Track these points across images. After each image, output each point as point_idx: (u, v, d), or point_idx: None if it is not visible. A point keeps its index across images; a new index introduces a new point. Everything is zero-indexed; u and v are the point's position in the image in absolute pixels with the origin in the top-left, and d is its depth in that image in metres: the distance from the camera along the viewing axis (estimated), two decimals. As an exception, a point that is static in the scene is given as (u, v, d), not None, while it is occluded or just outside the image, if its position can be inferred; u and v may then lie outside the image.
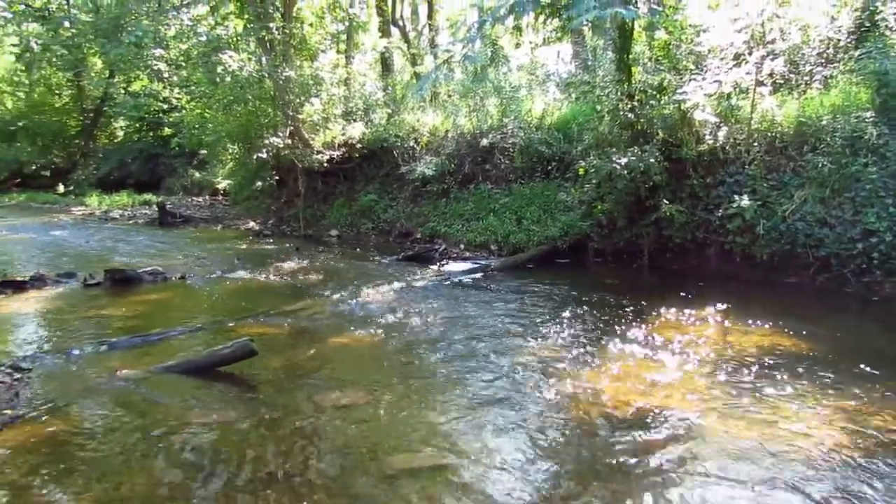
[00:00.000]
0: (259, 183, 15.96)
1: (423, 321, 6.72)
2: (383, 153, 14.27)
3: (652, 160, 8.80)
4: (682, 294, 7.57)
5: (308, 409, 4.42)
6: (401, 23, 21.72)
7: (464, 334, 6.22)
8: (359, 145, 14.63)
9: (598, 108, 10.40)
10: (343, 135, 14.82)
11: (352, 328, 6.51)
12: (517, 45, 15.28)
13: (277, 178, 15.68)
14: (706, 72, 9.23)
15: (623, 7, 6.47)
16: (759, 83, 8.91)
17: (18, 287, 8.11)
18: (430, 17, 22.94)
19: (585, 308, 7.12)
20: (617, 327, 6.29)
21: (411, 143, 13.86)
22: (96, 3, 24.62)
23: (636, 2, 7.50)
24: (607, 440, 3.94)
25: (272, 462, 3.65)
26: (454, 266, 9.97)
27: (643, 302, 7.22)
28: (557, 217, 10.61)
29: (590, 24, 8.14)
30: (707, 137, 9.14)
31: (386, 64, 19.73)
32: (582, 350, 5.64)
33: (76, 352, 5.53)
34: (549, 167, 11.81)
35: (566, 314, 6.83)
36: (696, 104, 8.81)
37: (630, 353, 5.49)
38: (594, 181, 9.65)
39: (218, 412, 4.29)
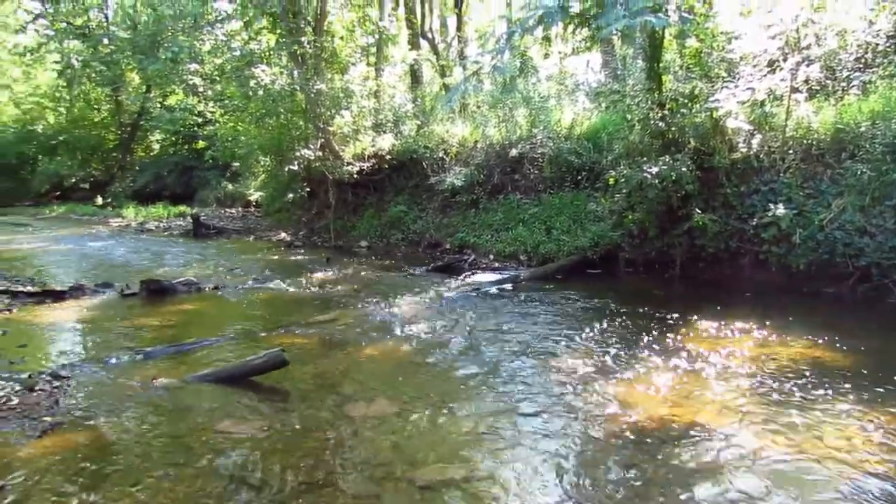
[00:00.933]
0: (290, 195, 16.17)
1: (453, 332, 6.71)
2: (413, 164, 14.34)
3: (684, 169, 8.70)
4: (716, 305, 7.44)
5: (339, 419, 4.43)
6: (430, 35, 21.87)
7: (494, 345, 6.19)
8: (388, 157, 14.73)
9: (629, 117, 10.32)
10: (373, 146, 14.95)
11: (381, 338, 6.53)
12: (546, 56, 15.23)
13: (308, 189, 15.87)
14: (739, 79, 9.09)
15: (653, 16, 6.41)
16: (795, 90, 8.76)
17: (58, 297, 8.33)
18: (458, 28, 23.06)
19: (617, 319, 7.03)
20: (649, 339, 6.20)
21: (440, 154, 13.92)
22: (134, 21, 25.35)
23: (666, 10, 7.42)
24: (641, 455, 3.87)
25: (304, 472, 3.67)
26: (483, 277, 9.95)
27: (676, 313, 7.11)
28: (587, 227, 10.54)
29: (619, 34, 8.10)
30: (740, 145, 9.01)
31: (415, 76, 19.86)
32: (614, 362, 5.57)
33: (113, 360, 5.65)
34: (579, 177, 11.75)
35: (597, 325, 6.76)
36: (728, 112, 8.68)
37: (663, 366, 5.40)
38: (625, 191, 9.57)
39: (250, 422, 4.33)
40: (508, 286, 9.23)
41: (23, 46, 34.28)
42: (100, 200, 26.03)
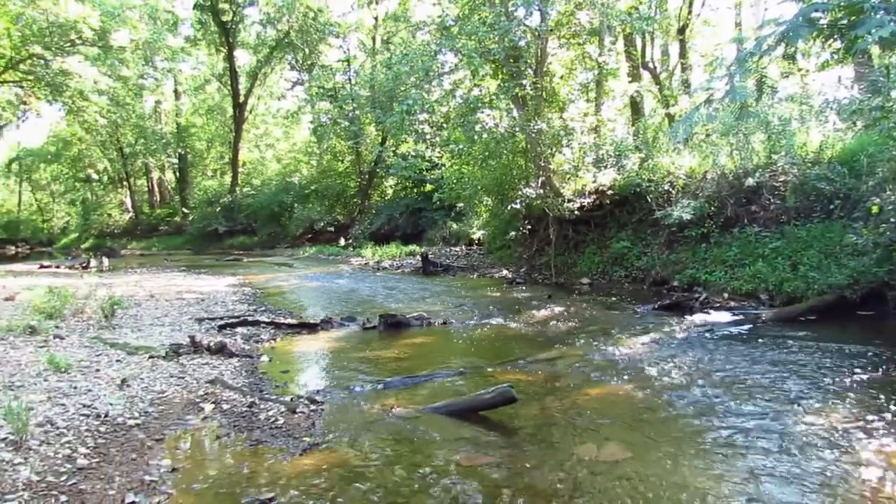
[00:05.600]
0: (512, 232, 16.56)
1: (685, 375, 6.26)
2: (636, 198, 13.88)
3: (975, 192, 7.28)
4: None
5: (568, 461, 4.33)
6: (651, 65, 21.26)
7: (732, 393, 5.64)
8: (610, 192, 14.46)
9: None
10: (594, 182, 14.79)
11: (608, 379, 6.31)
12: (786, 75, 13.92)
13: (529, 227, 16.12)
14: None
15: (931, 16, 5.49)
16: None
17: (311, 328, 9.36)
18: (682, 56, 22.11)
19: (887, 369, 6.02)
20: (936, 395, 5.19)
21: (666, 187, 13.28)
22: (373, 80, 28.33)
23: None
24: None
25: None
26: (717, 316, 9.22)
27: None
28: (844, 262, 9.29)
29: (881, 42, 7.09)
30: None
31: (636, 107, 19.38)
32: (883, 421, 4.74)
33: (358, 388, 6.15)
34: (831, 206, 10.45)
35: (861, 376, 5.85)
36: None
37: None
38: (893, 220, 8.26)
39: (482, 456, 4.41)
40: (747, 327, 8.44)
41: (286, 110, 40.07)
42: (343, 241, 29.03)
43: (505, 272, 16.26)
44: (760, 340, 7.64)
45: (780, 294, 9.75)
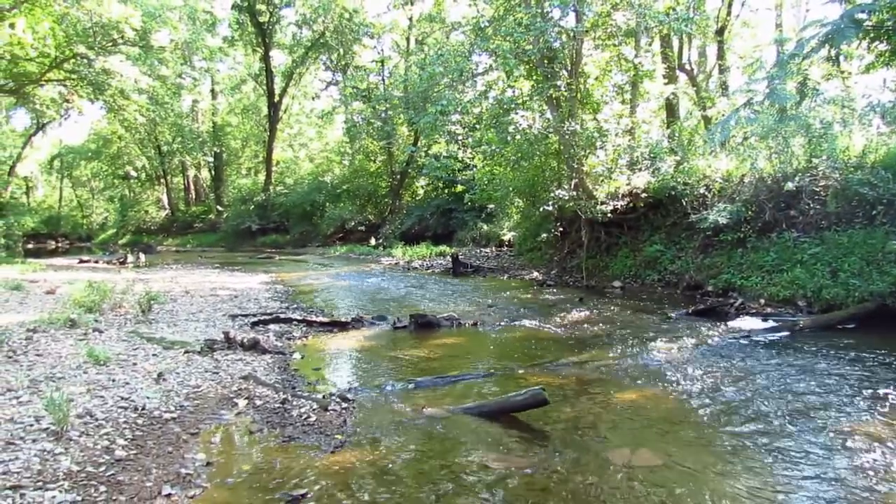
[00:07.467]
0: (543, 234, 16.44)
1: (719, 382, 6.15)
2: (670, 202, 13.70)
3: None
4: None
5: (600, 465, 4.28)
6: (688, 67, 20.96)
7: (770, 401, 5.52)
8: (644, 194, 14.29)
9: (943, 139, 8.69)
10: (627, 184, 14.63)
11: (639, 384, 6.24)
12: (827, 77, 13.58)
13: (560, 229, 16.00)
14: None
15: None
16: None
17: (342, 327, 9.43)
18: (720, 57, 21.75)
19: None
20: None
21: (702, 191, 13.07)
22: (407, 80, 28.42)
23: None
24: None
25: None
26: (753, 323, 9.06)
27: None
28: (886, 269, 9.06)
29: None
30: None
31: (672, 109, 19.12)
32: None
33: (389, 387, 6.18)
34: (874, 212, 10.18)
35: (907, 387, 5.67)
36: None
37: None
38: (940, 227, 8.02)
39: (513, 459, 4.38)
40: (784, 334, 8.28)
41: (320, 110, 40.46)
42: (373, 241, 29.18)
43: (535, 274, 16.16)
44: (798, 348, 7.47)
45: (818, 301, 9.54)
